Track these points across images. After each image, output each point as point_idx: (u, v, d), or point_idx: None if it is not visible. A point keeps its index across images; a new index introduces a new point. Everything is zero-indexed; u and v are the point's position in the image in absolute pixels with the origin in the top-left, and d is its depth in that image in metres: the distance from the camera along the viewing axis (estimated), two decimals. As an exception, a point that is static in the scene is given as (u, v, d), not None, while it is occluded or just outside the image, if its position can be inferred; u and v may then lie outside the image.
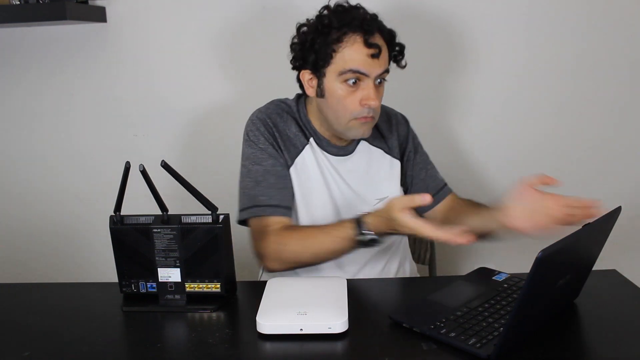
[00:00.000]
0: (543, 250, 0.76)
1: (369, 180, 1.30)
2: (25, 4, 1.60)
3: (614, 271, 1.14)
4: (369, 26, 1.15)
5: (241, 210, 1.25)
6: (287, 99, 1.35)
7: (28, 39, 1.78)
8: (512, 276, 1.11)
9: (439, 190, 1.34)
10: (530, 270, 0.77)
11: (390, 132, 1.35)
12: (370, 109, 1.18)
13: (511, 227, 1.07)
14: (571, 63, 1.73)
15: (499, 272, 1.13)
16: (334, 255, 1.18)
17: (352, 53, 1.15)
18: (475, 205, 1.28)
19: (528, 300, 0.81)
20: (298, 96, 1.34)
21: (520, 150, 1.79)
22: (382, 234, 1.11)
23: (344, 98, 1.18)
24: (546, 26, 1.71)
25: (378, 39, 1.17)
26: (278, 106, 1.32)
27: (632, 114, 1.77)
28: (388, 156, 1.33)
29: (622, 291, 1.07)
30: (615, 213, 0.98)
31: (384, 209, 1.08)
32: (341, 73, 1.17)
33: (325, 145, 1.29)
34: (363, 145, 1.32)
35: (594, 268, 1.14)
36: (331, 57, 1.17)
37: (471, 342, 0.87)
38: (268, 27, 1.73)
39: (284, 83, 1.71)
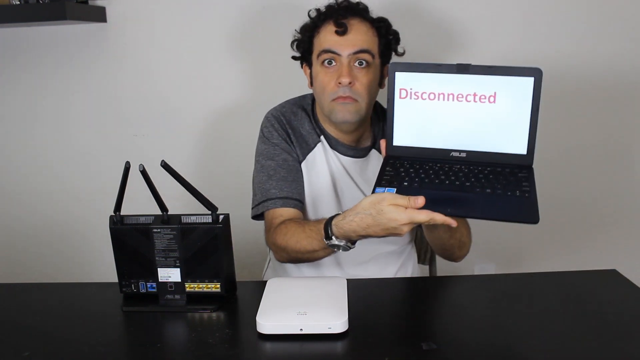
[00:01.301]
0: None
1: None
2: (25, 4, 1.60)
3: (614, 271, 1.14)
4: (341, 11, 1.23)
5: (256, 205, 1.28)
6: (306, 95, 1.37)
7: (28, 39, 1.78)
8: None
9: None
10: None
11: None
12: (345, 88, 1.19)
13: None
14: (567, 60, 1.74)
15: (376, 188, 1.02)
16: (312, 253, 1.15)
17: (325, 35, 1.23)
18: None
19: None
20: (313, 95, 1.35)
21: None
22: (352, 239, 1.06)
23: (323, 80, 1.23)
24: (543, 24, 1.71)
25: (350, 20, 1.22)
26: (295, 103, 1.34)
27: (631, 113, 1.77)
28: None
29: (622, 291, 1.07)
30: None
31: (365, 203, 1.00)
32: (318, 56, 1.24)
33: (335, 144, 1.30)
34: (375, 154, 1.32)
35: (594, 268, 1.15)
36: (312, 44, 1.26)
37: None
38: (269, 27, 1.73)
39: (284, 83, 1.71)
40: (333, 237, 1.07)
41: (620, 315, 0.98)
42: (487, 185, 0.98)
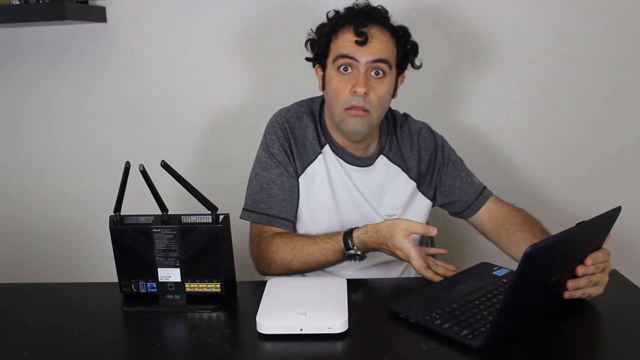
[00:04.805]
0: (532, 246, 0.78)
1: (382, 195, 1.30)
2: (25, 4, 1.60)
3: (614, 271, 1.14)
4: (361, 17, 1.19)
5: (245, 209, 1.28)
6: (316, 98, 1.35)
7: (28, 39, 1.78)
8: (513, 272, 1.11)
9: (478, 195, 1.33)
10: (519, 265, 0.80)
11: (411, 150, 1.32)
12: (360, 98, 1.17)
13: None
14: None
15: (500, 267, 1.15)
16: (322, 265, 1.20)
17: (344, 40, 1.20)
18: (528, 224, 1.28)
19: (517, 293, 0.83)
20: (323, 98, 1.32)
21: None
22: (368, 250, 1.17)
23: (337, 85, 1.20)
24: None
25: (370, 29, 1.19)
26: (301, 108, 1.31)
27: (632, 113, 1.77)
28: (404, 175, 1.31)
29: (622, 291, 1.07)
30: (614, 213, 0.98)
31: (384, 225, 1.14)
32: (334, 60, 1.21)
33: (341, 153, 1.28)
34: (382, 161, 1.31)
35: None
36: (329, 47, 1.23)
37: (463, 333, 0.89)
38: (269, 27, 1.73)
39: (285, 83, 1.71)
40: (355, 248, 1.15)
41: (620, 315, 0.98)
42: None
